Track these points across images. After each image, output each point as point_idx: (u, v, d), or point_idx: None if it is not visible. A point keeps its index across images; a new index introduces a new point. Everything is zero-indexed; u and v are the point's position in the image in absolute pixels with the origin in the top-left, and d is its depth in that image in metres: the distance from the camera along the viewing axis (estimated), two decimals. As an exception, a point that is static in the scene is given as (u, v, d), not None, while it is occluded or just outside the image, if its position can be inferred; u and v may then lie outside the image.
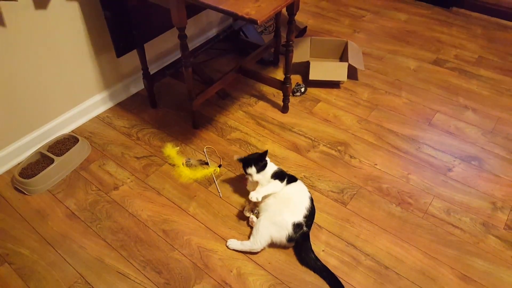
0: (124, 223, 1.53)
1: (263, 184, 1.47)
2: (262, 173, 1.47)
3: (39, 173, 1.65)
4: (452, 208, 1.58)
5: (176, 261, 1.41)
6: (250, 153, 1.83)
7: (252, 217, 1.50)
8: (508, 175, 1.72)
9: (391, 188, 1.66)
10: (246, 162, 1.48)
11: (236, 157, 1.54)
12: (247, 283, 1.35)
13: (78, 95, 1.93)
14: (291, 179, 1.50)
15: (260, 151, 1.57)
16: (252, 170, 1.46)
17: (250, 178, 1.49)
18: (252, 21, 1.31)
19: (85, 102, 1.98)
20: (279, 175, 1.48)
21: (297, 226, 1.38)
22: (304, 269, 1.38)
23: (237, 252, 1.43)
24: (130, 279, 1.36)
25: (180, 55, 2.14)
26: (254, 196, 1.41)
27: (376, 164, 1.77)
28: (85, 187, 1.68)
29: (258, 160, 1.47)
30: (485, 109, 2.07)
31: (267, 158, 1.49)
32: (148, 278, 1.36)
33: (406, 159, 1.79)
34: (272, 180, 1.47)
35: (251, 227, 1.49)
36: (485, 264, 1.40)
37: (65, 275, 1.37)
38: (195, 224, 1.53)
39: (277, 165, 1.55)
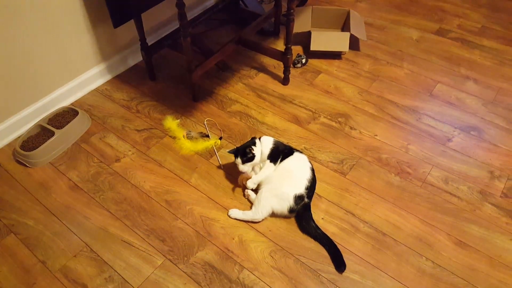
0: (127, 194, 1.55)
1: (258, 163, 1.49)
2: (249, 164, 1.46)
3: (40, 145, 1.65)
4: (450, 177, 1.60)
5: (179, 230, 1.43)
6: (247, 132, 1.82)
7: (248, 191, 1.51)
8: (507, 144, 1.73)
9: (390, 158, 1.67)
10: (236, 154, 1.48)
11: (227, 151, 1.53)
12: (249, 249, 1.38)
13: (76, 67, 1.91)
14: (291, 152, 1.49)
15: (252, 138, 1.52)
16: (238, 160, 1.47)
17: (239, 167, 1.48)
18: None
19: (83, 75, 1.96)
20: (273, 155, 1.47)
21: (298, 198, 1.40)
22: (304, 236, 1.41)
23: (238, 221, 1.46)
24: (134, 247, 1.39)
25: (178, 26, 2.10)
26: (250, 185, 1.45)
27: (376, 135, 1.77)
28: (87, 159, 1.68)
29: (243, 154, 1.45)
30: (486, 80, 2.05)
31: (255, 147, 1.46)
32: (152, 246, 1.39)
33: (406, 129, 1.79)
34: (267, 160, 1.47)
35: (249, 201, 1.51)
36: (480, 231, 1.43)
37: (70, 244, 1.40)
38: (197, 194, 1.54)
39: (277, 138, 1.54)
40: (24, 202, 1.53)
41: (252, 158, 1.45)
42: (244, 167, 1.47)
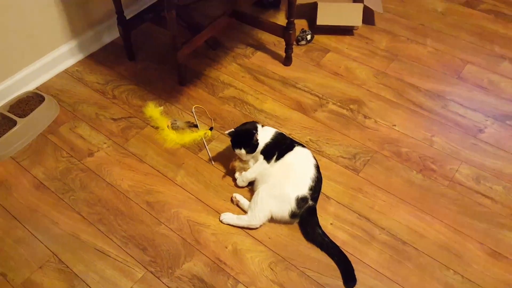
0: (102, 194, 1.53)
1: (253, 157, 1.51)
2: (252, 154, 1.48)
3: (-1, 137, 1.63)
4: (482, 175, 1.58)
5: (162, 237, 1.42)
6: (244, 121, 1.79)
7: (237, 196, 1.49)
8: (549, 136, 1.70)
9: (411, 153, 1.65)
10: (236, 140, 1.48)
11: (226, 132, 1.52)
12: (244, 260, 1.36)
13: (41, 45, 1.89)
14: (291, 146, 1.49)
15: (254, 119, 1.54)
16: (241, 152, 1.46)
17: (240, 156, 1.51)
18: None
19: (50, 54, 1.94)
20: (268, 150, 1.47)
21: (301, 200, 1.38)
22: (309, 244, 1.40)
23: (232, 227, 1.44)
24: (110, 257, 1.37)
25: (161, -5, 2.04)
26: (239, 183, 1.52)
27: (394, 125, 1.75)
28: (55, 153, 1.66)
29: (248, 143, 1.45)
30: (524, 59, 2.05)
31: (258, 135, 1.46)
32: (131, 256, 1.37)
33: (429, 118, 1.78)
34: (261, 156, 1.48)
35: (239, 207, 1.49)
36: (518, 239, 1.42)
37: (35, 253, 1.38)
38: (183, 195, 1.53)
39: (278, 128, 1.54)
40: (-20, 204, 1.52)
41: (256, 146, 1.45)
42: (248, 156, 1.48)
